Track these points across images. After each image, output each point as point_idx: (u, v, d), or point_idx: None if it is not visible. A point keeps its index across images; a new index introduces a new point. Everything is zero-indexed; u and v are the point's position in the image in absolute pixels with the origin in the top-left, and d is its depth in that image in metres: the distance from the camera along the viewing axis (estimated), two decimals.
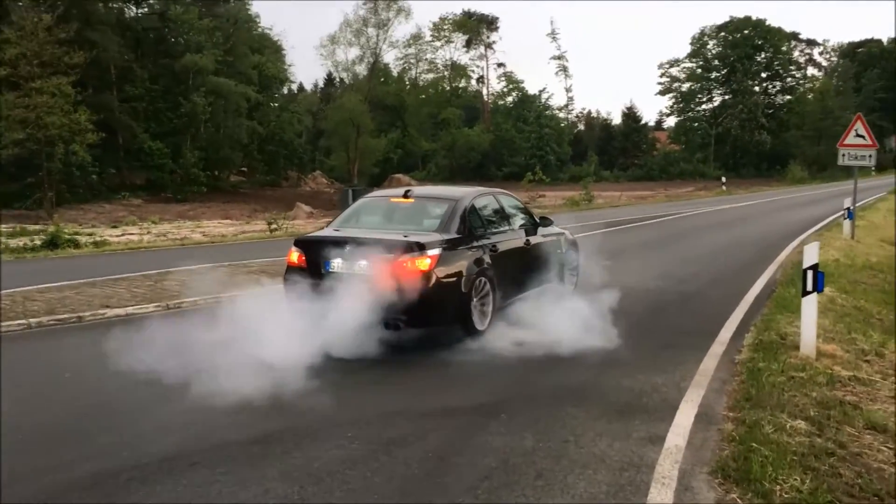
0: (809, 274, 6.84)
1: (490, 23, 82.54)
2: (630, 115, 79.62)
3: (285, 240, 19.59)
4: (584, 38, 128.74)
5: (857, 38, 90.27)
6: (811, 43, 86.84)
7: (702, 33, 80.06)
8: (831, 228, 19.49)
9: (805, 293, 6.88)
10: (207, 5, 57.57)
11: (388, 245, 7.11)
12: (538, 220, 9.23)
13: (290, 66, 68.29)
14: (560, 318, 7.87)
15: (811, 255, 6.85)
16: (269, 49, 64.41)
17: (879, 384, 6.20)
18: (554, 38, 76.23)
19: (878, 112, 70.64)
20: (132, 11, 56.06)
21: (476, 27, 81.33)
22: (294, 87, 77.70)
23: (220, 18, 57.60)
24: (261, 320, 6.85)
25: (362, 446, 4.79)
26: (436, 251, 7.15)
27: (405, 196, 8.22)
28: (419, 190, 9.14)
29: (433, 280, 7.05)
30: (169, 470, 4.43)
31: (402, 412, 5.49)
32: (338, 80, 79.38)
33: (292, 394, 5.78)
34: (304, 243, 7.72)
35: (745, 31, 78.05)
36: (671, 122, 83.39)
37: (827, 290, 9.56)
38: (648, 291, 10.38)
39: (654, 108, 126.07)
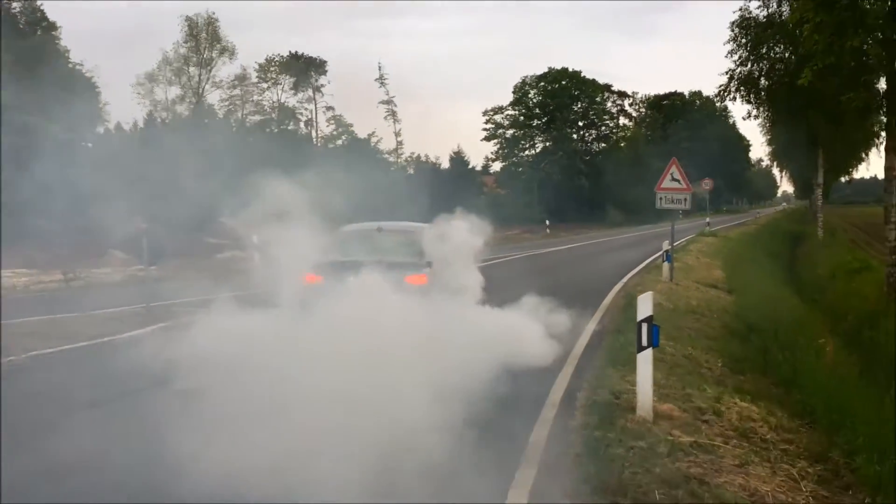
0: (644, 327, 6.26)
1: (318, 66, 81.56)
2: (458, 160, 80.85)
3: (81, 291, 17.55)
4: (413, 83, 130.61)
5: (662, 91, 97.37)
6: (622, 95, 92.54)
7: (523, 82, 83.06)
8: (651, 271, 19.85)
9: (640, 348, 6.29)
10: (9, 39, 52.68)
11: (392, 266, 8.56)
12: None
13: (104, 104, 63.80)
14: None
15: (645, 307, 6.28)
16: (81, 86, 59.85)
17: (722, 450, 5.64)
18: (382, 82, 76.03)
19: (685, 160, 75.97)
20: None
21: (304, 70, 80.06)
22: (111, 126, 72.64)
23: (23, 51, 52.91)
24: None
25: None
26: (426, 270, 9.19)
27: (378, 230, 10.17)
28: (387, 224, 10.83)
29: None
30: None
31: None
32: (159, 120, 75.21)
33: None
34: (319, 267, 9.03)
35: (563, 82, 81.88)
36: (497, 166, 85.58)
37: None
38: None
39: (480, 152, 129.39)
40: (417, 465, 5.20)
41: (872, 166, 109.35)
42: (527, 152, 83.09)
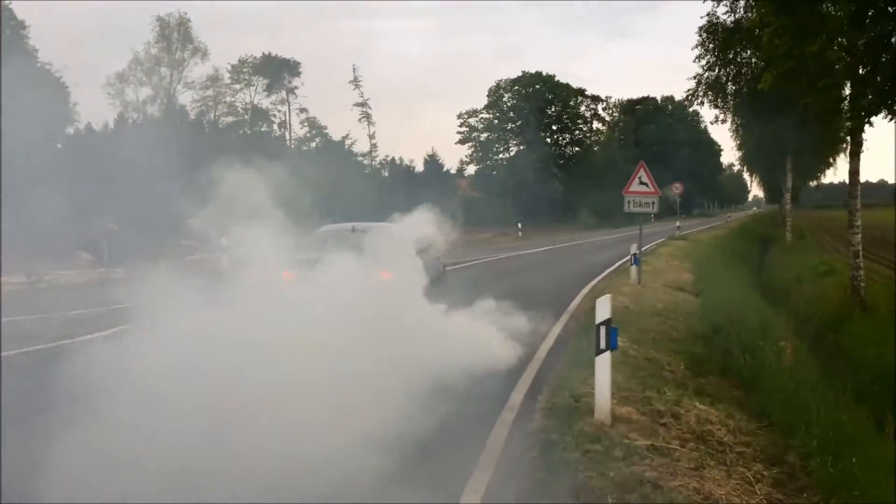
0: (602, 330, 6.23)
1: (292, 67, 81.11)
2: (432, 163, 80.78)
3: (44, 293, 17.32)
4: (387, 86, 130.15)
5: (635, 96, 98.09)
6: (595, 99, 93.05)
7: (498, 86, 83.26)
8: (620, 274, 19.93)
9: (598, 352, 6.26)
10: None
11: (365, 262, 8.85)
12: None
13: (75, 104, 62.86)
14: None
15: (603, 310, 6.25)
16: (50, 85, 58.92)
17: (678, 453, 5.62)
18: (357, 85, 75.82)
19: (656, 164, 76.58)
20: None
21: (277, 71, 79.55)
22: (81, 126, 71.41)
23: None
24: None
25: None
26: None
27: (352, 230, 11.49)
28: (359, 224, 12.17)
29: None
30: None
31: None
32: (130, 120, 74.23)
33: None
34: (297, 264, 9.25)
35: (537, 86, 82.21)
36: (472, 169, 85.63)
37: (619, 340, 9.18)
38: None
39: (455, 155, 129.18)
40: (372, 463, 5.15)
41: (842, 171, 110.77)
42: (501, 155, 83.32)
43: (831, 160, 36.00)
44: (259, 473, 4.98)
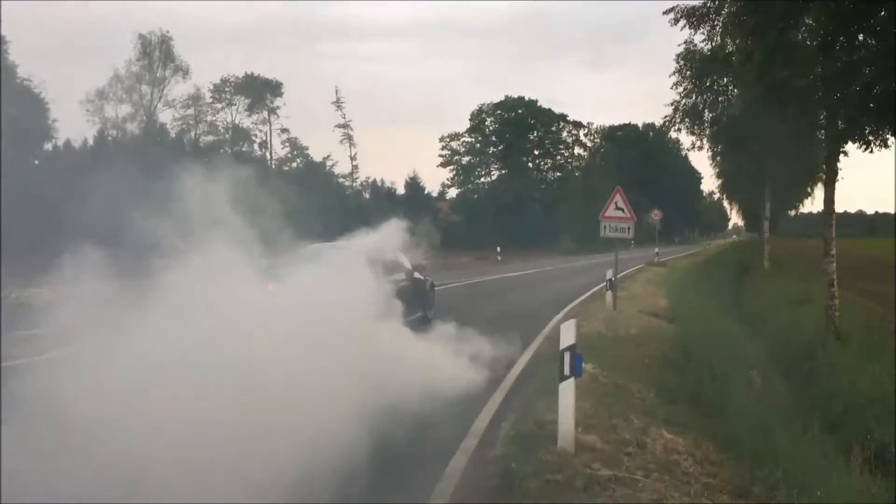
0: (566, 356, 6.09)
1: (274, 87, 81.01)
2: (414, 185, 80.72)
3: (13, 309, 16.96)
4: (369, 108, 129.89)
5: (617, 122, 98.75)
6: (577, 125, 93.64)
7: (480, 110, 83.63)
8: (595, 299, 19.84)
9: (562, 378, 6.11)
10: None
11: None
12: None
13: (53, 120, 62.30)
14: None
15: (568, 335, 6.12)
16: (29, 101, 58.40)
17: (641, 483, 5.46)
18: (339, 106, 75.87)
19: (637, 190, 76.98)
20: None
21: (259, 91, 79.40)
22: (59, 142, 70.54)
23: None
24: None
25: None
26: None
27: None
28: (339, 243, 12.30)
29: None
30: None
31: None
32: (110, 137, 73.64)
33: None
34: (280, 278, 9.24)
35: (519, 111, 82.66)
36: (453, 192, 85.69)
37: (589, 366, 9.04)
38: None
39: (436, 178, 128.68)
40: (329, 489, 4.97)
41: (820, 201, 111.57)
42: (482, 179, 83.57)
43: (809, 189, 36.27)
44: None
